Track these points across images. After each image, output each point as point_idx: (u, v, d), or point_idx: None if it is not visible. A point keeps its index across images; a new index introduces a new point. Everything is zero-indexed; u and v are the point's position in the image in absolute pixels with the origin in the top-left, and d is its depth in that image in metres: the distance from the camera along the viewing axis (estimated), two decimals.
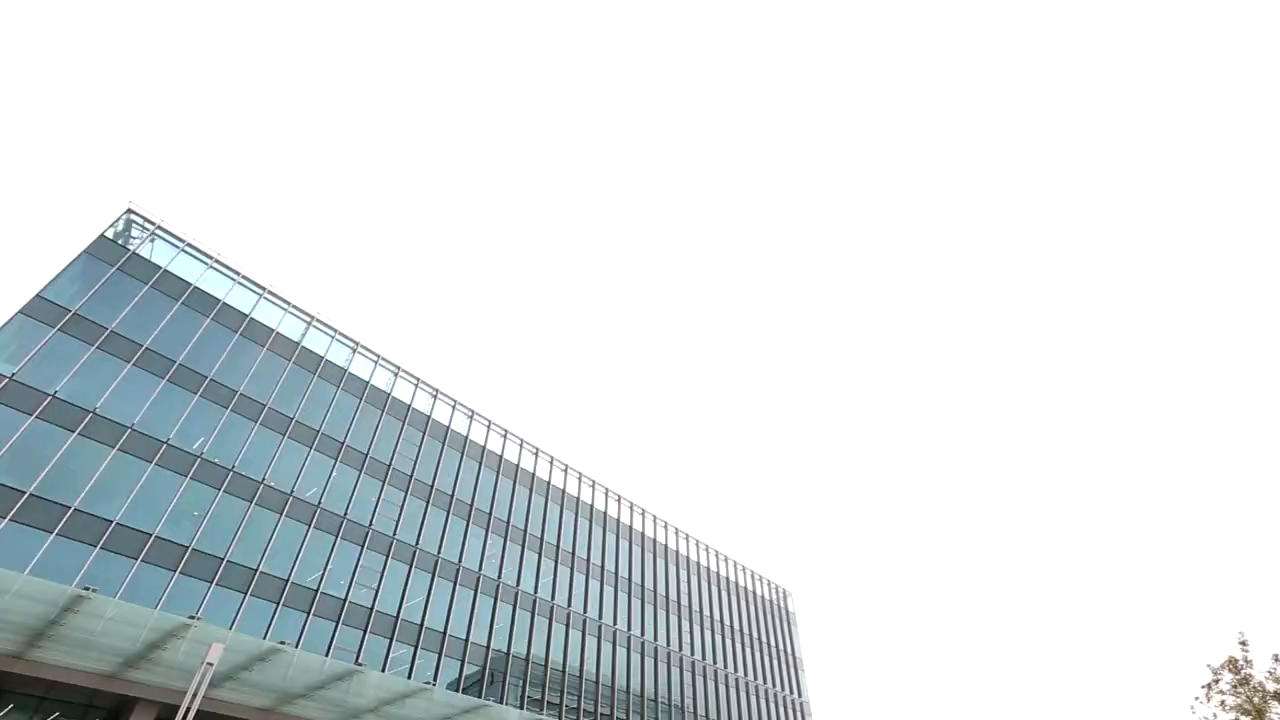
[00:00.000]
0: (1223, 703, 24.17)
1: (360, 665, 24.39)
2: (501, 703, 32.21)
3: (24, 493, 22.30)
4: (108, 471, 24.51)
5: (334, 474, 31.88)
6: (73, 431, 24.22)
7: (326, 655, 26.24)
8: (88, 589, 18.34)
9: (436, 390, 40.48)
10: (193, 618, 20.20)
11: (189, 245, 31.69)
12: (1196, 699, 24.86)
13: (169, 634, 19.47)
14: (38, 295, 25.33)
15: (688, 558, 53.03)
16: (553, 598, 39.38)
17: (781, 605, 61.13)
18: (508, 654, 34.90)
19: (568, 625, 39.32)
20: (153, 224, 30.57)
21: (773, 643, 56.81)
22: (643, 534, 49.79)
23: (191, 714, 16.90)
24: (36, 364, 24.32)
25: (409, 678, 28.67)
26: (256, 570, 26.85)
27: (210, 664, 17.70)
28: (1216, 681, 24.54)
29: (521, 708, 32.95)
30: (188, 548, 25.32)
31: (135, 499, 24.77)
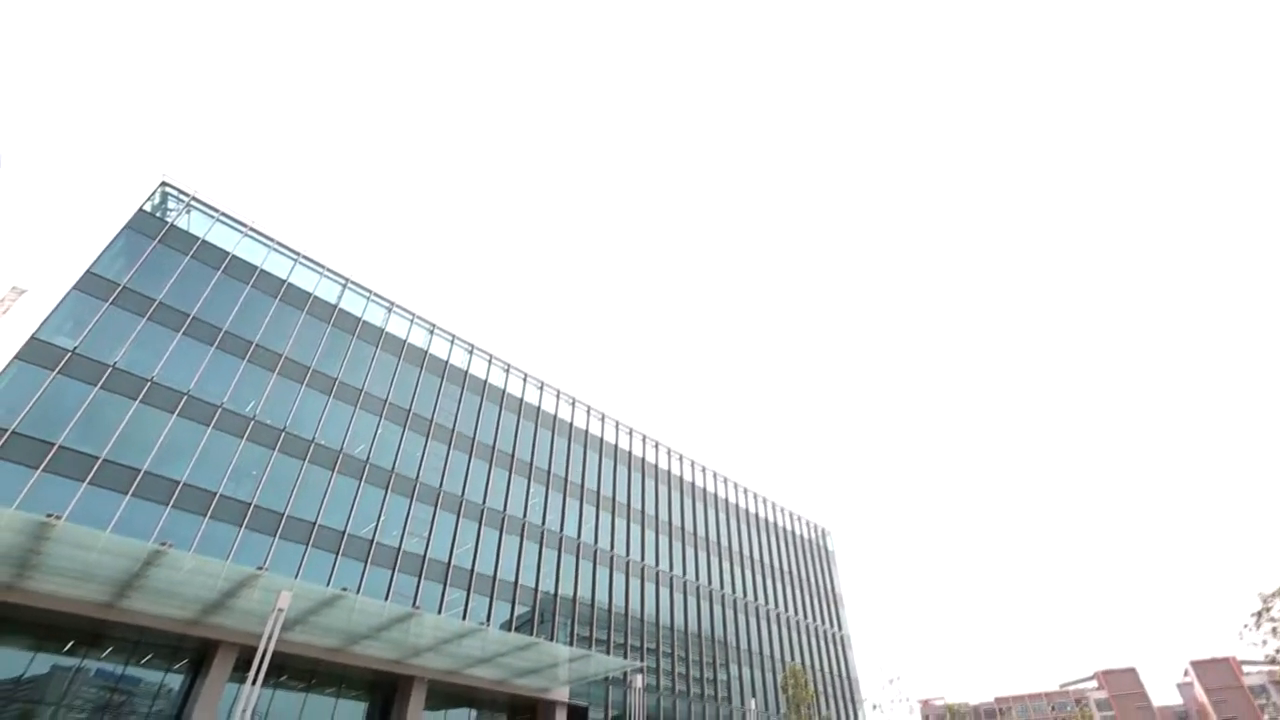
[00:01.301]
0: (1274, 630, 23.87)
1: (417, 608, 25.85)
2: (551, 640, 33.86)
3: (97, 458, 23.82)
4: (171, 436, 25.91)
5: (379, 430, 33.04)
6: (135, 399, 25.56)
7: (385, 600, 27.87)
8: (164, 544, 19.68)
9: (472, 345, 41.15)
10: (260, 568, 21.59)
11: (223, 215, 32.32)
12: (1245, 626, 24.61)
13: (241, 583, 20.88)
14: (88, 271, 26.34)
15: (728, 501, 53.90)
16: (595, 542, 40.71)
17: (821, 544, 62.01)
18: (555, 595, 36.48)
19: (611, 567, 40.73)
20: (187, 195, 31.18)
21: (813, 580, 57.96)
22: (681, 478, 50.65)
23: (268, 655, 18.29)
24: (94, 337, 25.52)
25: (463, 619, 30.33)
26: (315, 524, 28.38)
27: (281, 610, 19.02)
28: (1268, 610, 24.17)
29: (571, 644, 34.63)
30: (250, 504, 26.85)
31: (198, 460, 26.23)
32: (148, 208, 29.49)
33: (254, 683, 17.40)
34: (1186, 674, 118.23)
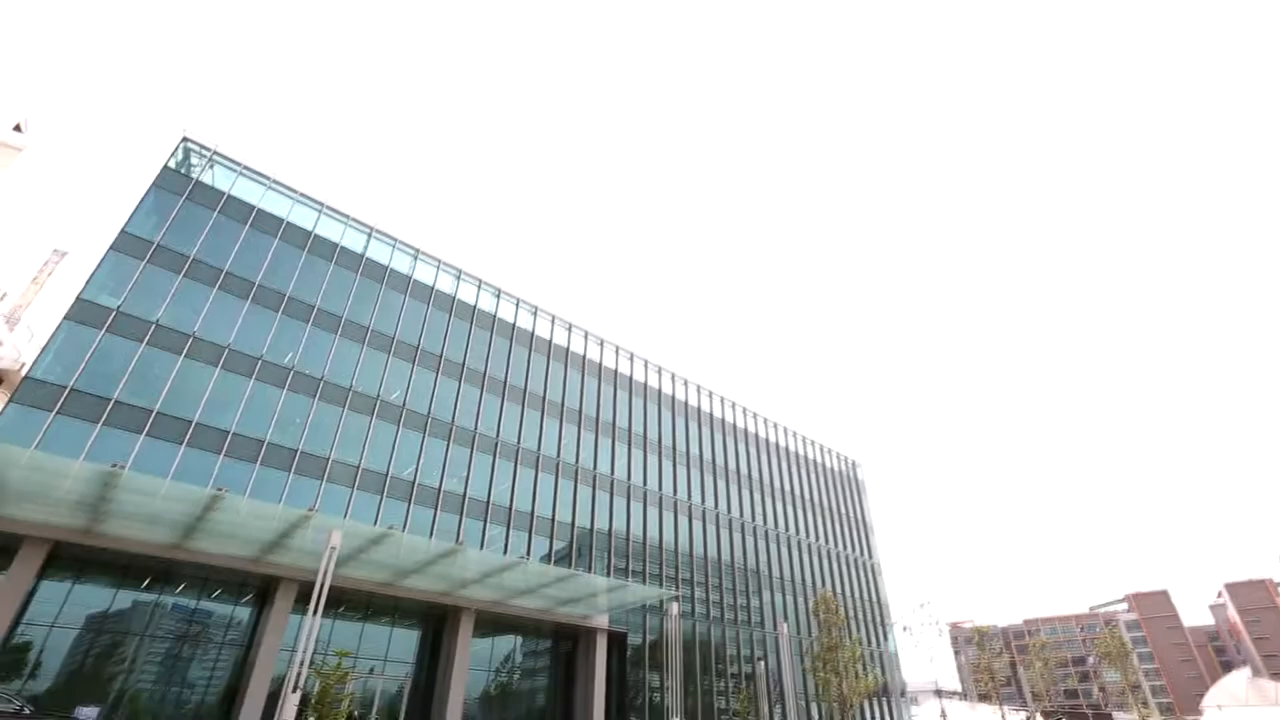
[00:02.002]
0: None
1: (460, 544, 27.11)
2: (589, 572, 35.34)
3: (151, 411, 24.99)
4: (216, 388, 26.95)
5: (413, 376, 33.82)
6: (179, 354, 26.50)
7: (430, 537, 29.25)
8: (221, 490, 20.81)
9: (499, 289, 41.30)
10: (311, 510, 22.77)
11: (246, 168, 32.36)
12: None
13: (294, 524, 22.09)
14: (122, 231, 26.88)
15: (759, 436, 54.41)
16: (629, 478, 41.74)
17: (851, 475, 62.60)
18: (592, 530, 37.81)
19: (645, 502, 41.88)
20: (209, 150, 31.21)
21: (843, 510, 58.88)
22: (712, 415, 51.13)
23: (325, 589, 19.50)
24: (135, 295, 26.29)
25: (504, 553, 31.75)
26: (359, 467, 29.59)
27: (334, 547, 20.13)
28: None
29: (608, 576, 36.12)
30: (296, 450, 28.05)
31: (245, 410, 27.32)
32: (172, 164, 29.67)
33: (314, 614, 18.64)
34: (1220, 595, 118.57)
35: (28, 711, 17.31)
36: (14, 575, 20.71)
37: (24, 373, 24.28)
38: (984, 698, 61.71)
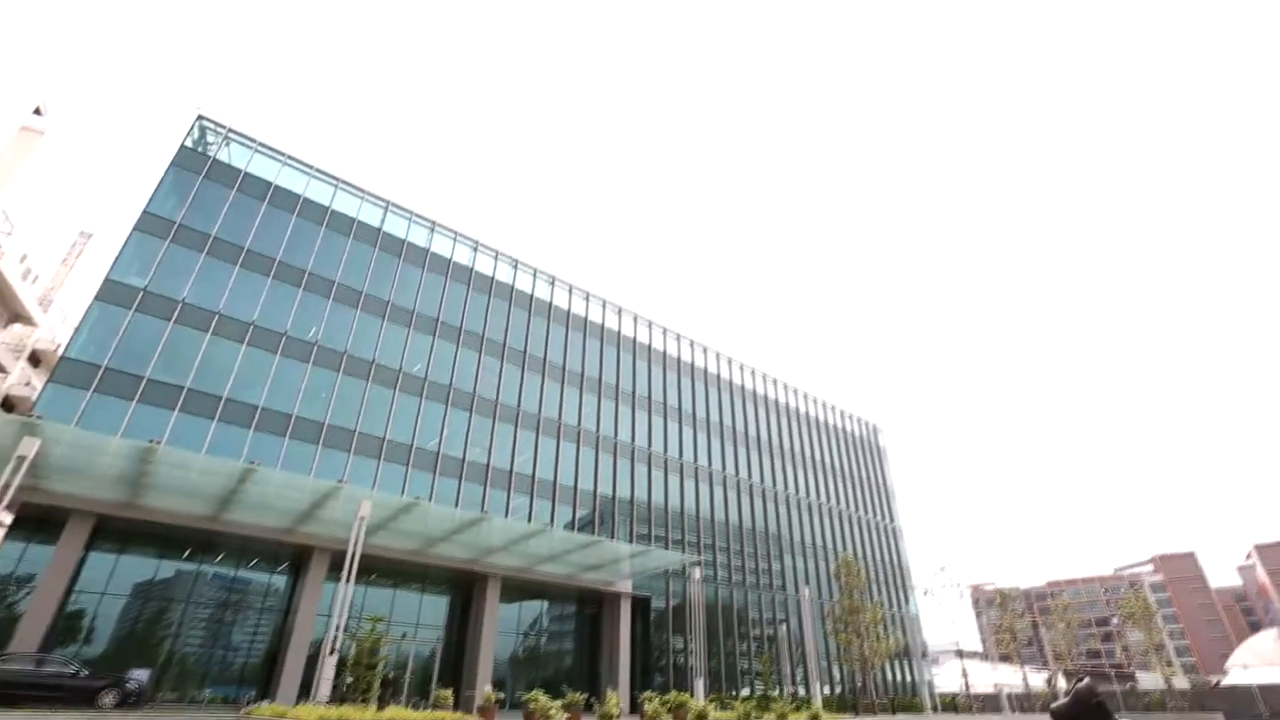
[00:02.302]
0: None
1: (485, 513, 27.67)
2: (612, 539, 35.92)
3: (183, 388, 25.62)
4: (244, 364, 27.49)
5: (434, 348, 34.13)
6: (206, 332, 27.02)
7: (456, 506, 29.87)
8: (253, 463, 21.40)
9: (516, 260, 41.23)
10: (340, 481, 23.33)
11: (261, 145, 32.39)
12: None
13: (325, 496, 22.69)
14: (145, 211, 27.21)
15: (779, 402, 54.31)
16: (650, 446, 42.04)
17: (871, 440, 62.39)
18: (614, 498, 38.30)
19: (666, 470, 42.23)
20: (224, 128, 31.25)
21: (864, 475, 58.87)
22: (732, 382, 51.06)
23: (356, 558, 20.11)
24: (161, 275, 26.73)
25: (528, 521, 32.36)
26: (384, 439, 30.16)
27: (363, 517, 20.69)
28: None
29: (631, 542, 36.70)
30: (324, 424, 28.64)
31: (272, 385, 27.88)
32: (189, 144, 29.80)
33: (347, 582, 19.26)
34: (1249, 557, 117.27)
35: (84, 674, 18.26)
36: (63, 547, 21.64)
37: (60, 353, 24.98)
38: (1005, 658, 62.24)
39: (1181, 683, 54.69)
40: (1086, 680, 3.26)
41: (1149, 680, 60.43)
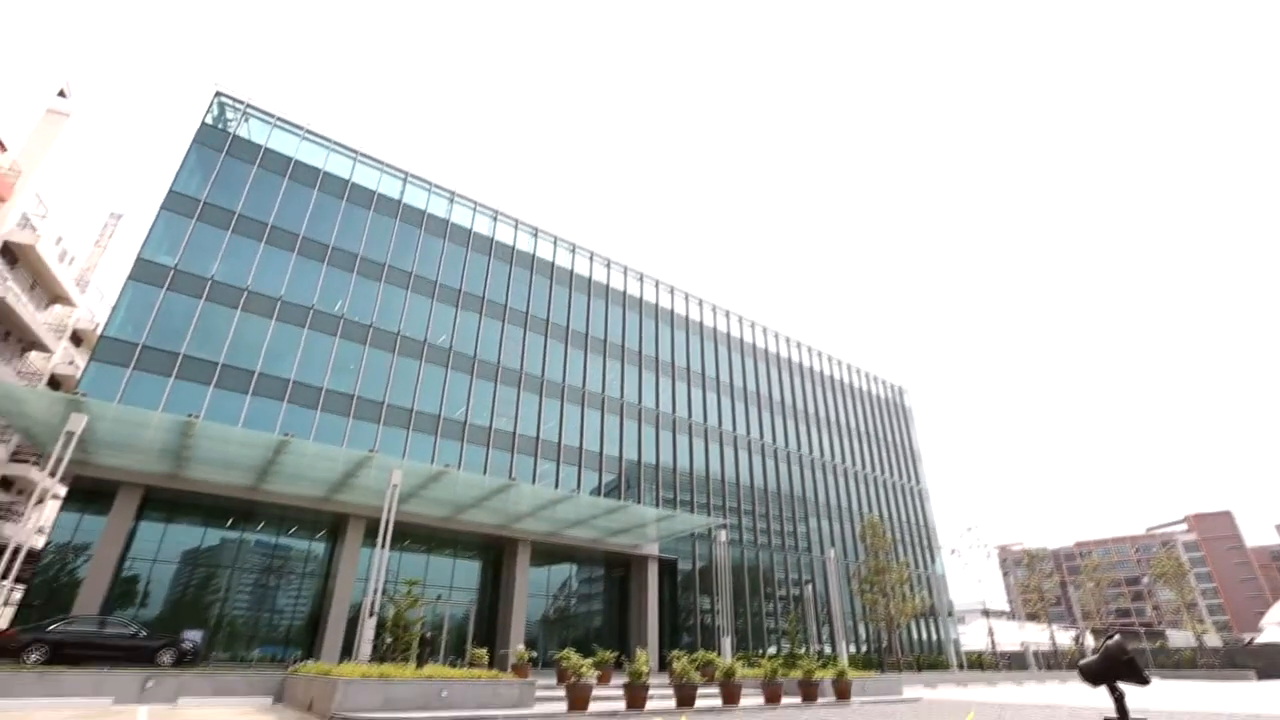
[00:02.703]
0: None
1: (513, 480, 28.22)
2: (638, 503, 36.44)
3: (217, 363, 26.32)
4: (274, 339, 28.08)
5: (458, 319, 34.44)
6: (236, 308, 27.58)
7: (484, 474, 30.49)
8: (287, 435, 22.03)
9: (537, 228, 41.09)
10: (372, 451, 23.93)
11: (279, 119, 32.45)
12: None
13: (358, 465, 23.32)
14: (170, 190, 27.60)
15: (803, 366, 53.95)
16: (674, 411, 42.22)
17: (897, 402, 61.83)
18: (639, 463, 38.72)
19: (690, 435, 42.45)
20: (242, 103, 31.33)
21: (890, 437, 58.53)
22: (755, 346, 50.78)
23: (390, 524, 20.74)
24: (190, 253, 27.24)
25: (555, 488, 32.94)
26: (412, 409, 30.75)
27: (395, 486, 21.26)
28: None
29: (657, 506, 37.20)
30: (353, 395, 29.26)
31: (302, 359, 28.48)
32: (209, 120, 29.98)
33: (382, 547, 19.92)
34: None
35: (143, 635, 19.31)
36: (115, 517, 22.67)
37: (99, 332, 25.76)
38: (1032, 617, 62.34)
39: (1214, 640, 54.25)
40: (1116, 637, 3.25)
41: (1180, 638, 60.13)
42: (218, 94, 30.56)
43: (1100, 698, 20.23)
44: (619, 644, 32.30)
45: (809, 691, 18.82)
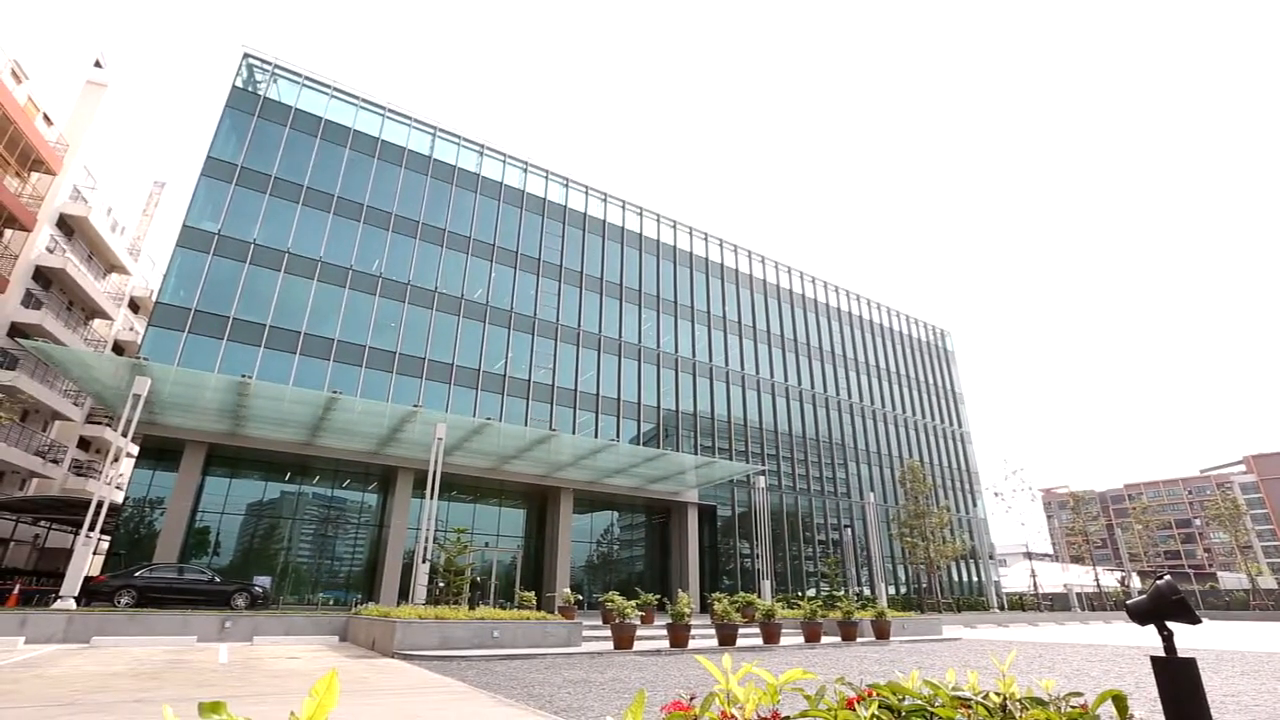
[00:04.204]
0: None
1: (554, 430, 28.83)
2: (677, 451, 36.90)
3: (265, 325, 27.20)
4: (317, 299, 28.79)
5: (493, 274, 34.65)
6: (279, 271, 28.26)
7: (525, 425, 31.20)
8: (336, 392, 22.84)
9: (567, 179, 40.58)
10: (417, 406, 24.67)
11: (307, 79, 32.36)
12: None
13: (403, 419, 24.12)
14: (208, 156, 28.02)
15: (842, 310, 52.91)
16: (711, 360, 42.14)
17: (940, 345, 60.36)
18: (677, 412, 39.00)
19: (728, 382, 42.42)
20: (270, 64, 31.28)
21: (932, 380, 57.43)
22: (792, 291, 49.88)
23: (438, 475, 21.55)
24: (231, 218, 27.84)
25: (595, 437, 33.54)
26: (453, 365, 31.41)
27: (440, 438, 21.96)
28: None
29: (696, 454, 37.62)
30: (395, 352, 29.99)
31: (344, 319, 29.20)
32: (239, 83, 30.08)
33: (431, 498, 20.76)
34: None
35: (218, 581, 20.77)
36: (183, 473, 24.10)
37: (154, 298, 26.79)
38: (1076, 559, 61.76)
39: (1268, 583, 53.00)
40: (1166, 577, 3.18)
41: (1231, 580, 58.88)
42: (245, 55, 30.56)
43: (1145, 637, 20.10)
44: (660, 588, 33.34)
45: (848, 631, 19.20)
